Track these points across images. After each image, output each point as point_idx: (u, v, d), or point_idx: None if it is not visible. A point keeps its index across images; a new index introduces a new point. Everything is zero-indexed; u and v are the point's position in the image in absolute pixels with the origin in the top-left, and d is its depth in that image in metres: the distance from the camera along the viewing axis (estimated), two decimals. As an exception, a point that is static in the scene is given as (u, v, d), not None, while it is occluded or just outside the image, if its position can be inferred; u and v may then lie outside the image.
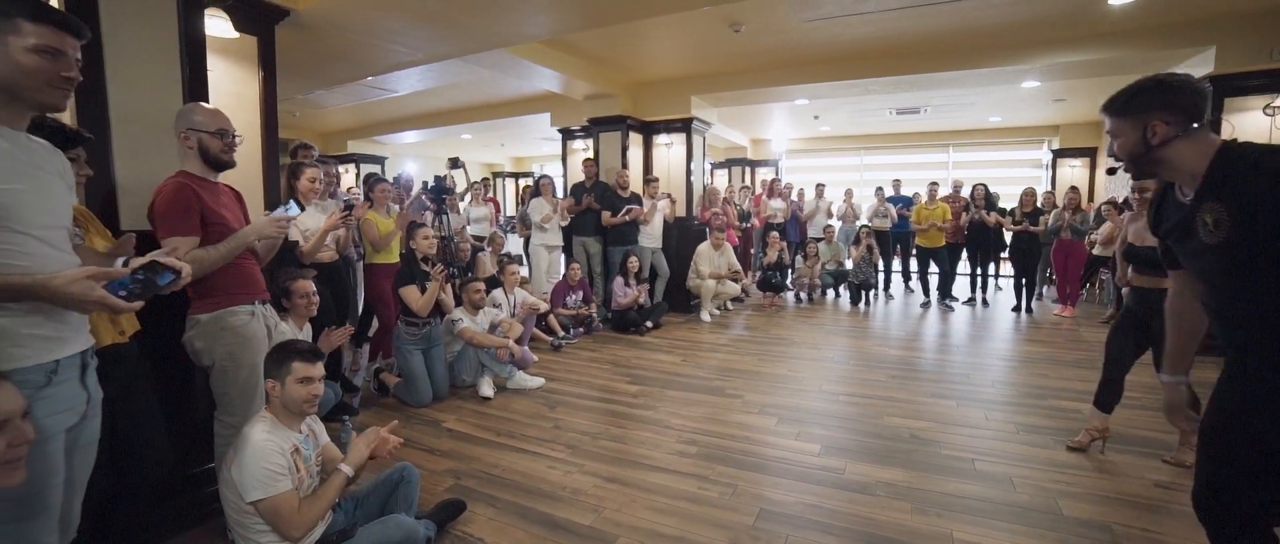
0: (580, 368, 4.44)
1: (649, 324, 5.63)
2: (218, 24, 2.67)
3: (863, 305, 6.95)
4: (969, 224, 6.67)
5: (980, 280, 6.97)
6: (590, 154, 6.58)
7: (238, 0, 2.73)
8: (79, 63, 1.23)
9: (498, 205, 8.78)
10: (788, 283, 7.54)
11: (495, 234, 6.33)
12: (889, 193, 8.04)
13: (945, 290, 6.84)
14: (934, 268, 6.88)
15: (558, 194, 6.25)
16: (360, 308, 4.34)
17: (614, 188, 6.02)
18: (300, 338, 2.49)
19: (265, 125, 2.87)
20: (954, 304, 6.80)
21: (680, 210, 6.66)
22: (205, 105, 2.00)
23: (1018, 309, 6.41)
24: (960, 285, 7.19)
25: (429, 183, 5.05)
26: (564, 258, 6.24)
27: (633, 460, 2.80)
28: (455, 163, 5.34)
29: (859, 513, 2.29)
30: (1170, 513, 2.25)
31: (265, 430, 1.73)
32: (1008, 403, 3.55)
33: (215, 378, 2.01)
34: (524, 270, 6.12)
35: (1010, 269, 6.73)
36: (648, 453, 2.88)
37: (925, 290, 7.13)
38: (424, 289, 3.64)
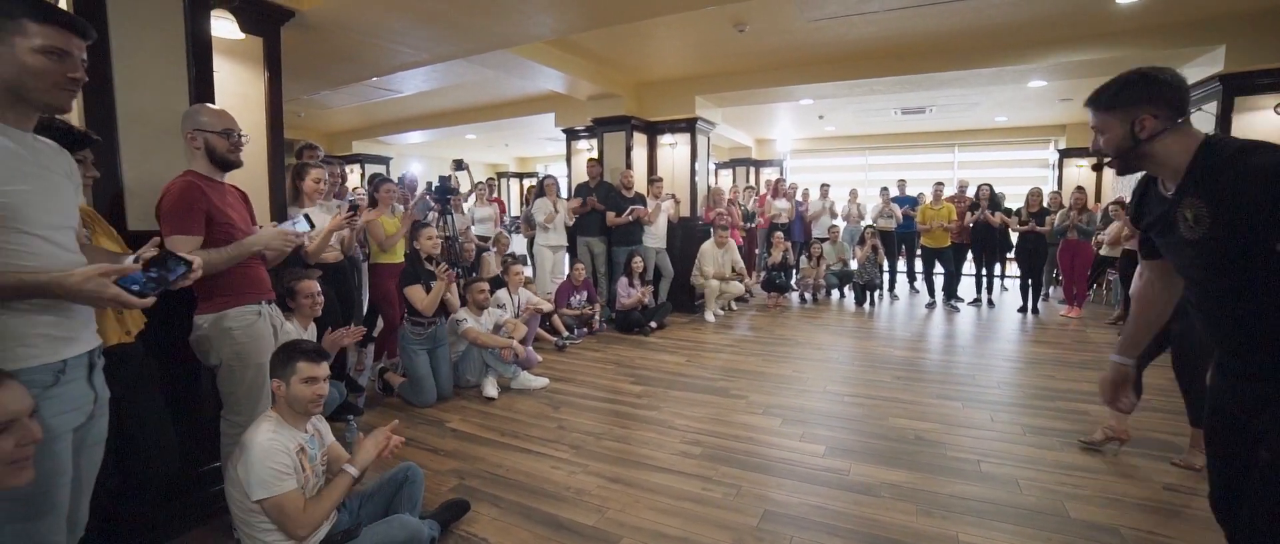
0: (584, 368, 4.44)
1: (653, 324, 5.62)
2: (224, 25, 2.69)
3: (867, 306, 6.93)
4: (974, 224, 6.65)
5: (985, 281, 6.95)
6: (594, 154, 6.57)
7: (243, 1, 2.74)
8: (84, 63, 1.24)
9: (503, 205, 8.81)
10: (792, 283, 7.51)
11: (500, 234, 6.35)
12: (894, 193, 8.03)
13: (950, 291, 6.81)
14: (939, 268, 6.85)
15: (562, 194, 6.25)
16: (365, 308, 4.35)
17: (618, 188, 6.01)
18: (305, 338, 2.50)
19: (271, 126, 2.88)
20: (959, 305, 6.77)
21: (684, 211, 6.65)
22: (211, 106, 2.01)
23: (1023, 310, 6.38)
24: (965, 286, 7.16)
25: (434, 183, 5.06)
26: (568, 258, 6.24)
27: (637, 461, 2.80)
28: (459, 165, 5.36)
29: (864, 514, 2.29)
30: (1179, 516, 2.23)
31: (270, 430, 1.74)
32: (1014, 404, 3.53)
33: (222, 377, 2.03)
34: (528, 270, 6.12)
35: (1016, 270, 6.70)
36: (652, 453, 2.88)
37: (930, 291, 7.10)
38: (429, 289, 3.65)
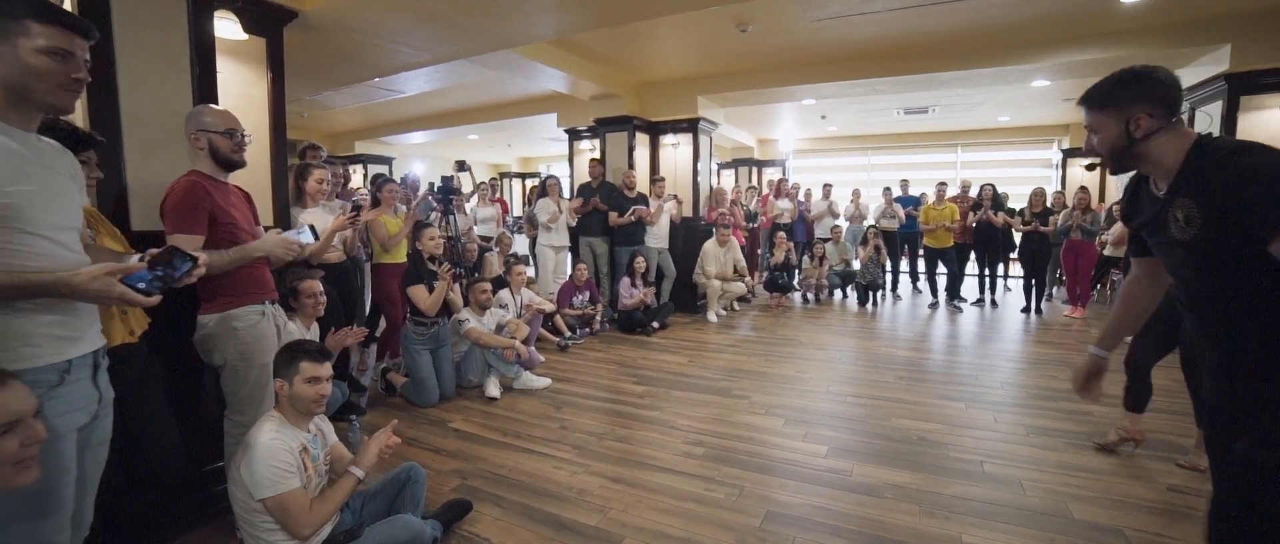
0: (587, 368, 4.44)
1: (655, 325, 5.62)
2: (227, 26, 2.69)
3: (870, 306, 6.92)
4: (977, 224, 6.63)
5: (989, 281, 6.93)
6: (597, 154, 6.57)
7: (246, 2, 2.74)
8: (88, 64, 1.24)
9: (505, 206, 8.80)
10: (794, 283, 7.51)
11: (502, 234, 6.35)
12: (897, 193, 8.02)
13: (953, 291, 6.80)
14: (942, 269, 6.83)
15: (564, 194, 6.25)
16: (368, 308, 4.36)
17: (620, 188, 6.02)
18: (308, 338, 2.51)
19: (274, 126, 2.88)
20: (962, 305, 6.75)
21: (687, 211, 6.65)
22: (215, 106, 2.01)
23: (1027, 310, 6.36)
24: (968, 286, 7.14)
25: (436, 183, 5.07)
26: (571, 258, 6.24)
27: (639, 461, 2.80)
28: (462, 166, 5.38)
29: (866, 515, 2.28)
30: (1184, 517, 2.22)
31: (273, 429, 1.74)
32: (1017, 405, 3.52)
33: (226, 377, 2.03)
34: (531, 271, 6.13)
35: (1019, 270, 6.68)
36: (654, 454, 2.88)
37: (933, 291, 7.08)
38: (432, 289, 3.66)
